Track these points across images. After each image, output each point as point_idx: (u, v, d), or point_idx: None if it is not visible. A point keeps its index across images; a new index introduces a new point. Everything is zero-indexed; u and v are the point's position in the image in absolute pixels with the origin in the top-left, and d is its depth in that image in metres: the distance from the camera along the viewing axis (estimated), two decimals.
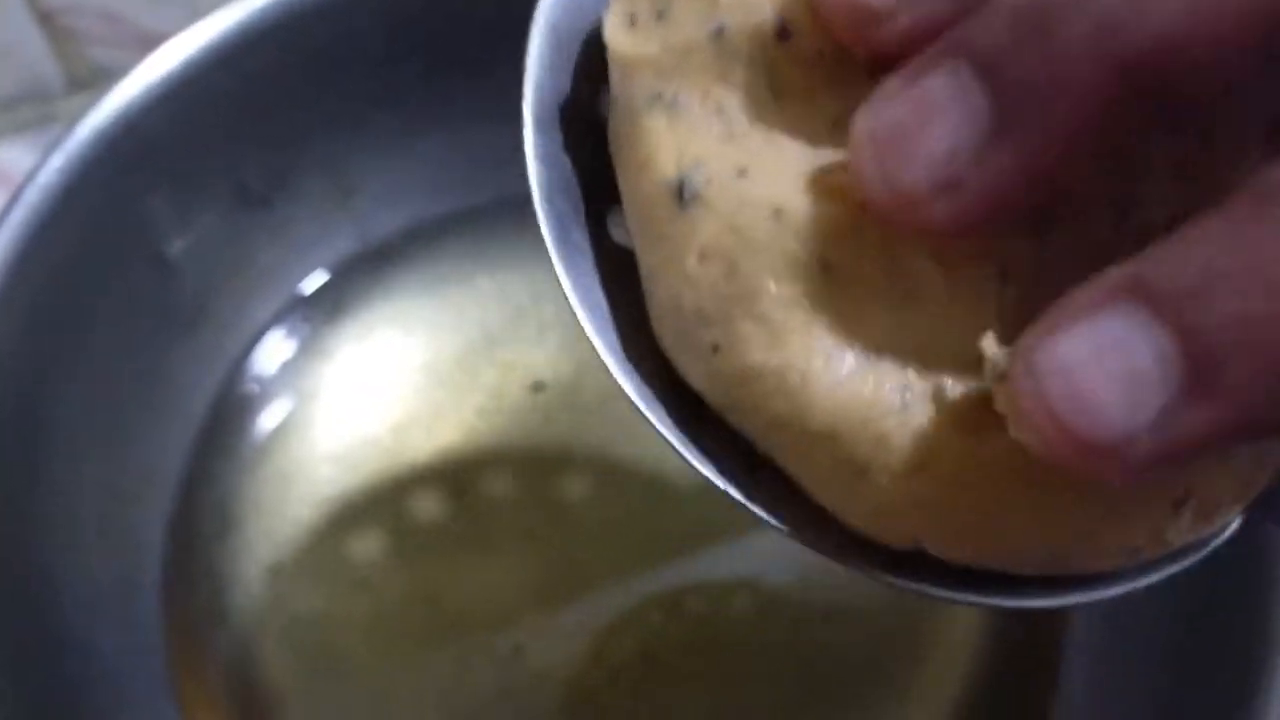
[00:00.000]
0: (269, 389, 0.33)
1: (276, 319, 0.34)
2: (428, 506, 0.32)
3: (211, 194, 0.32)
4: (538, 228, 0.36)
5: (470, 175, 0.34)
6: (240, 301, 0.33)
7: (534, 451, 0.33)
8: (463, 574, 0.32)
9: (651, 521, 0.32)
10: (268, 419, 0.33)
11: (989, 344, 0.14)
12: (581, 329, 0.17)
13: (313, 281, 0.34)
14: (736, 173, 0.15)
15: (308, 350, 0.34)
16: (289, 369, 0.34)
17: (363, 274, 0.34)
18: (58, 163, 0.28)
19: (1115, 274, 0.13)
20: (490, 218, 0.35)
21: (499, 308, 0.34)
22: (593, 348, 0.16)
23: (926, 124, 0.13)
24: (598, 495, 0.33)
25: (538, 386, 0.34)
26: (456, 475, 0.33)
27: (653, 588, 0.32)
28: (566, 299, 0.16)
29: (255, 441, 0.33)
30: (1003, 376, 0.13)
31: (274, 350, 0.34)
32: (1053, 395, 0.12)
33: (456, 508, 0.32)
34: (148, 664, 0.30)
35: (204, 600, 0.31)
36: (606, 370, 0.16)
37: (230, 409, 0.33)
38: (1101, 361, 0.12)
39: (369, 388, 0.33)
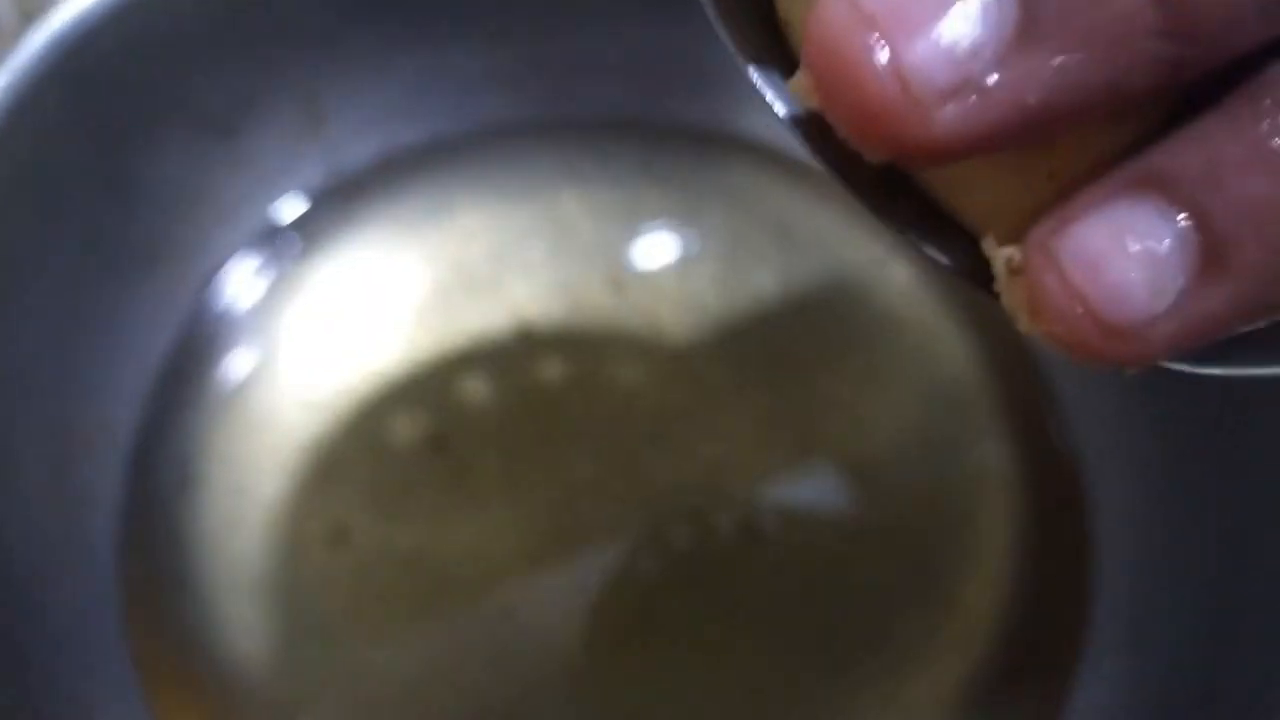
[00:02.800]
0: (235, 331, 0.31)
1: (243, 256, 0.31)
2: (408, 459, 0.30)
3: (171, 119, 0.29)
4: (522, 159, 0.34)
5: (451, 100, 0.32)
6: (204, 237, 0.30)
7: (520, 400, 0.31)
8: (447, 531, 0.29)
9: (646, 472, 0.30)
10: (234, 364, 0.31)
11: (991, 244, 0.14)
12: None
13: (283, 216, 0.32)
14: None
15: (277, 290, 0.31)
16: (257, 310, 0.31)
17: (336, 208, 0.32)
18: (3, 82, 0.26)
19: (1126, 168, 0.13)
20: (471, 148, 0.32)
21: (483, 245, 0.32)
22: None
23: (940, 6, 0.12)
24: (589, 446, 0.30)
25: (525, 329, 0.31)
26: (439, 425, 0.30)
27: (648, 543, 0.30)
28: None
29: (221, 388, 0.30)
30: (1017, 270, 0.13)
31: (240, 289, 0.31)
32: (1079, 281, 0.12)
33: (439, 460, 0.30)
34: (104, 627, 0.28)
35: (165, 560, 0.29)
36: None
37: (193, 353, 0.30)
38: (1124, 246, 0.12)
39: (343, 331, 0.31)
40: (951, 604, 0.30)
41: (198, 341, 0.30)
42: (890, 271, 0.32)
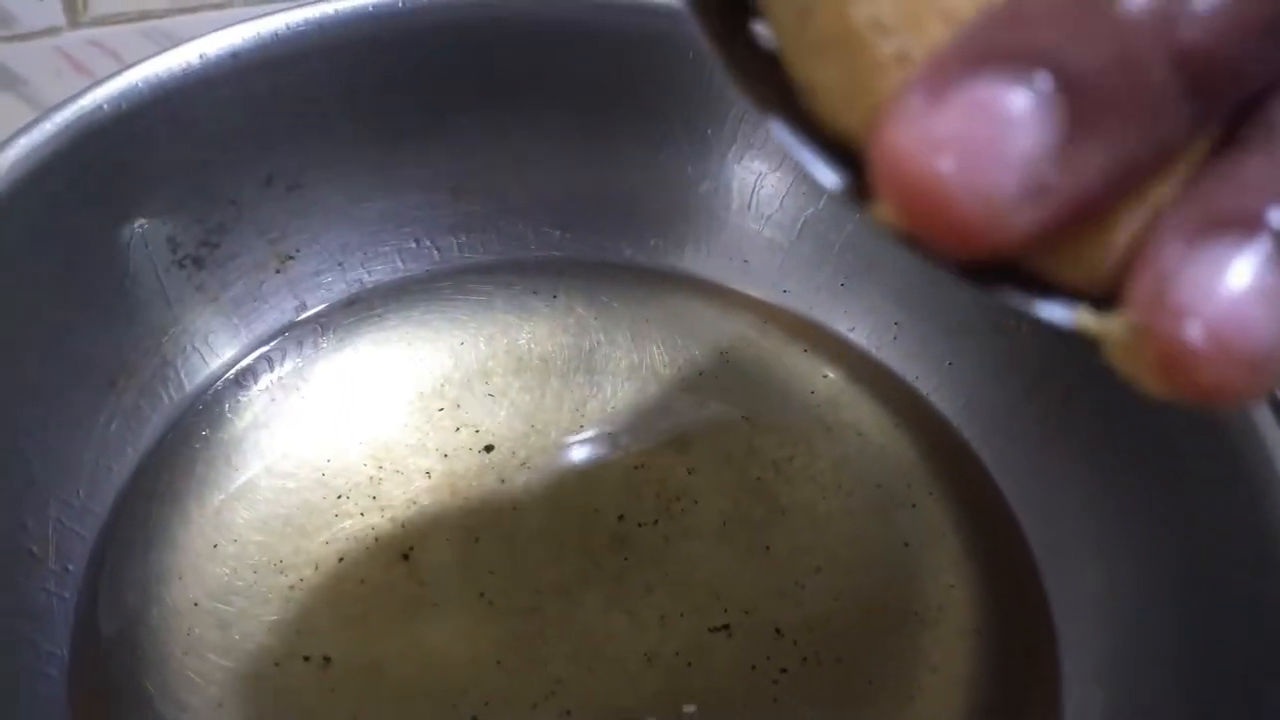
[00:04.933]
0: (199, 453, 0.31)
1: (209, 382, 0.32)
2: (373, 570, 0.30)
3: (139, 247, 0.30)
4: (479, 297, 0.35)
5: (411, 245, 0.34)
6: (170, 361, 0.31)
7: (483, 512, 0.31)
8: (413, 640, 0.29)
9: (612, 576, 0.30)
10: (197, 484, 0.31)
11: (1086, 316, 0.14)
12: None
13: (249, 346, 0.33)
14: None
15: (242, 414, 0.32)
16: (222, 434, 0.31)
17: (301, 340, 0.33)
18: None
19: (1182, 214, 0.13)
20: (430, 288, 0.34)
21: (444, 375, 0.33)
22: None
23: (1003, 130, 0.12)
24: (554, 555, 0.30)
25: (487, 448, 0.32)
26: (404, 537, 0.30)
27: (616, 649, 0.29)
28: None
29: (183, 508, 0.30)
30: (1138, 331, 0.13)
31: (206, 414, 0.32)
32: (1217, 324, 0.12)
33: (404, 570, 0.30)
34: None
35: (120, 682, 0.28)
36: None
37: (155, 476, 0.30)
38: (1255, 286, 0.12)
39: (307, 454, 0.31)
40: (921, 688, 0.29)
41: (161, 461, 0.30)
42: (827, 385, 0.34)
